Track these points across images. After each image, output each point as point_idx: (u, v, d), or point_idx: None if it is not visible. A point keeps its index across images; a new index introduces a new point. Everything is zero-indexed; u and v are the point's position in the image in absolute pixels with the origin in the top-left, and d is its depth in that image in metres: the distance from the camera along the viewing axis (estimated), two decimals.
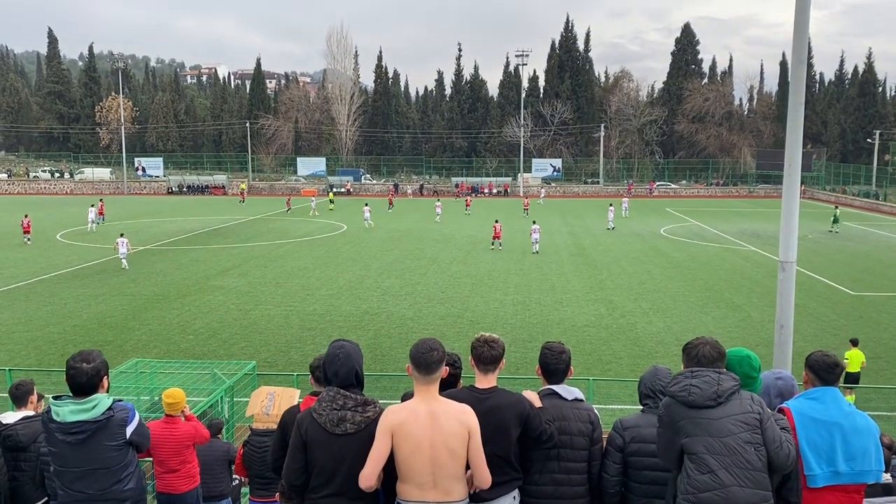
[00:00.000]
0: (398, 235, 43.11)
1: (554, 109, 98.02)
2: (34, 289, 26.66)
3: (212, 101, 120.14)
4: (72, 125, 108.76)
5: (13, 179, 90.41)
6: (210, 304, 24.20)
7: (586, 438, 4.51)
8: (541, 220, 52.01)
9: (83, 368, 4.17)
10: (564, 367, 4.62)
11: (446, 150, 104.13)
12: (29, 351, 18.73)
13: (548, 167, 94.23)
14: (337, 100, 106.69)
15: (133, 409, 4.32)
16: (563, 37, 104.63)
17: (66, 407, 4.13)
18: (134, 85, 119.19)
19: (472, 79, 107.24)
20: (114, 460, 4.19)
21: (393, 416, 3.86)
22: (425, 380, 3.92)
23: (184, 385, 10.56)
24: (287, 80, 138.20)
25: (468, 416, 3.90)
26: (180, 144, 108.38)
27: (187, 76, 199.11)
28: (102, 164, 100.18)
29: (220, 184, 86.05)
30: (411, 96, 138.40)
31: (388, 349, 18.95)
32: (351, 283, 27.99)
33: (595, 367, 17.22)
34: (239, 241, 40.50)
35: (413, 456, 3.83)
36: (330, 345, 4.13)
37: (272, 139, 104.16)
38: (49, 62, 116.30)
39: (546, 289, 26.93)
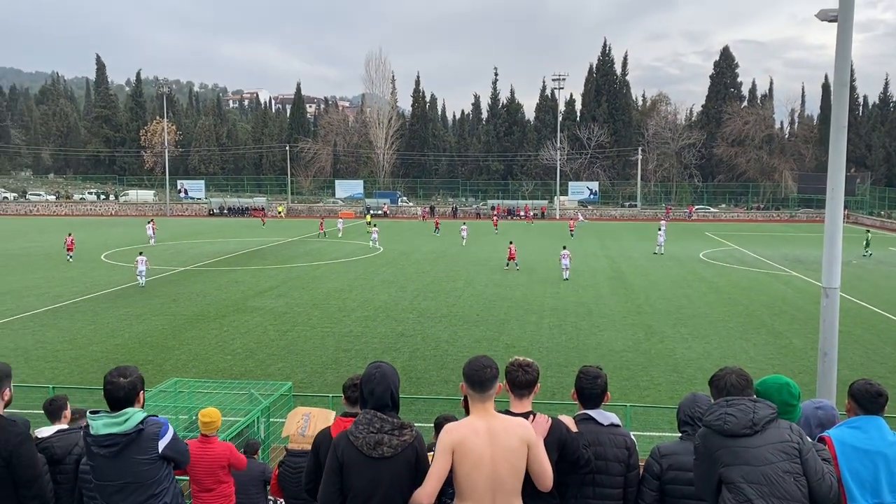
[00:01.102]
0: (434, 258, 43.23)
1: (591, 132, 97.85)
2: (79, 308, 27.30)
3: (253, 125, 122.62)
4: (118, 148, 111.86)
5: (61, 201, 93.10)
6: (248, 325, 24.49)
7: (622, 464, 4.46)
8: (577, 243, 51.83)
9: (120, 383, 4.26)
10: (600, 391, 4.58)
11: (482, 172, 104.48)
12: (72, 369, 19.13)
13: (584, 190, 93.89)
14: (375, 123, 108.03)
15: (167, 424, 4.37)
16: (600, 60, 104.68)
17: (100, 420, 4.22)
18: (178, 109, 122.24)
19: (508, 102, 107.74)
20: (146, 475, 4.24)
21: (454, 432, 3.87)
22: (481, 397, 3.94)
23: (221, 405, 10.67)
24: (326, 104, 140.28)
25: (526, 430, 3.93)
26: (222, 167, 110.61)
27: (229, 101, 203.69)
28: (146, 186, 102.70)
29: (259, 206, 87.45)
30: (448, 120, 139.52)
31: (424, 371, 18.92)
32: (387, 304, 28.10)
33: (632, 393, 16.96)
34: (277, 262, 41.01)
35: (473, 473, 3.83)
36: (367, 365, 4.16)
37: (311, 162, 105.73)
38: (97, 87, 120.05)
39: (582, 312, 26.69)
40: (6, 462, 4.22)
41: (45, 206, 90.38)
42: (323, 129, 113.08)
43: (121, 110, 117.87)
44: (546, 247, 49.19)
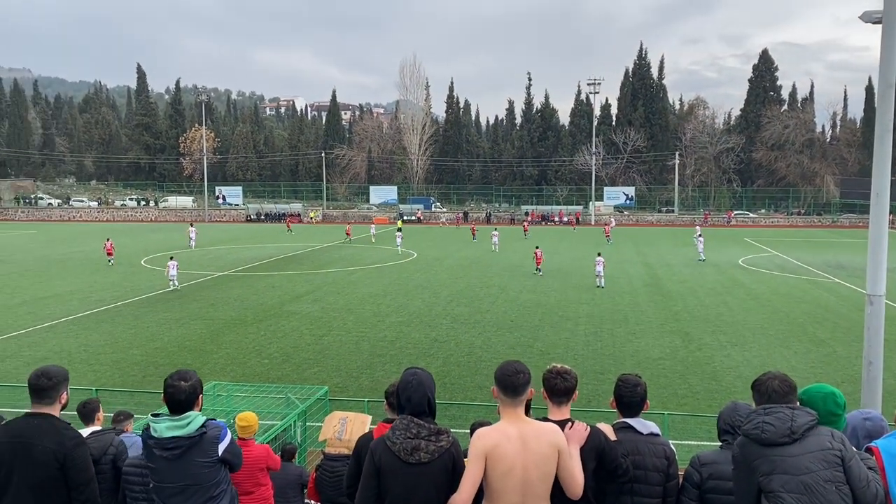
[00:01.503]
0: (467, 263, 43.23)
1: (627, 137, 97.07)
2: (120, 312, 27.87)
3: (289, 132, 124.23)
4: (157, 155, 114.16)
5: (103, 207, 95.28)
6: (284, 329, 24.75)
7: (661, 474, 4.41)
8: (613, 249, 51.38)
9: (181, 387, 4.35)
10: (640, 400, 4.54)
11: (516, 178, 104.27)
12: (113, 372, 19.53)
13: (620, 195, 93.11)
14: (409, 130, 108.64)
15: (225, 428, 4.47)
16: (636, 64, 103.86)
17: (163, 423, 4.31)
18: (216, 117, 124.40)
19: (542, 107, 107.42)
20: (206, 477, 4.33)
21: (486, 438, 3.87)
22: (512, 402, 3.94)
23: (258, 408, 10.80)
24: (361, 111, 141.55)
25: (557, 437, 3.91)
26: (259, 174, 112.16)
27: (266, 108, 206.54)
28: (185, 192, 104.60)
29: (295, 212, 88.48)
30: (482, 125, 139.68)
31: (458, 377, 18.91)
32: (421, 310, 28.16)
33: (670, 401, 16.72)
34: (313, 267, 41.40)
35: (504, 478, 3.83)
36: (403, 372, 4.17)
37: (346, 168, 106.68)
38: (138, 96, 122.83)
39: (619, 319, 26.42)
40: (60, 465, 4.32)
41: (88, 212, 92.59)
42: (358, 135, 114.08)
43: (161, 118, 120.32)
44: (581, 252, 48.87)
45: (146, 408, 13.14)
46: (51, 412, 4.46)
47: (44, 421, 4.40)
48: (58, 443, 4.33)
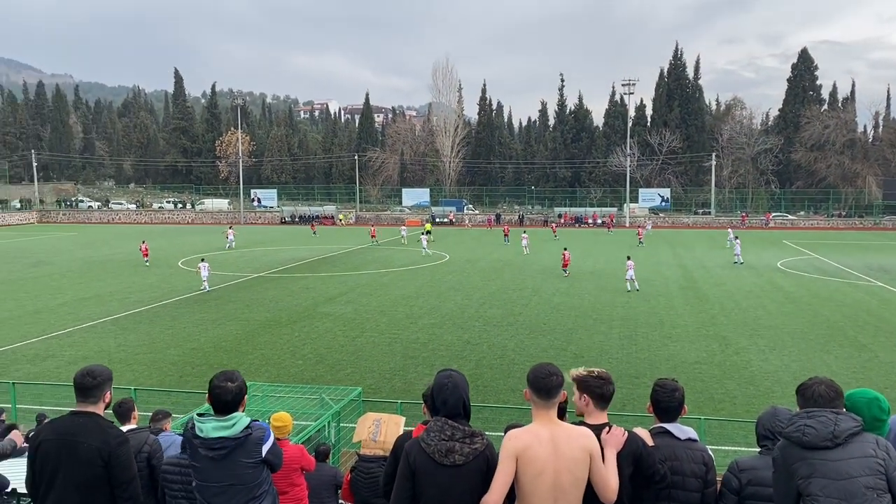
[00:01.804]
0: (500, 266, 43.11)
1: (662, 138, 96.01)
2: (157, 313, 28.35)
3: (323, 135, 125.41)
4: (194, 159, 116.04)
5: (141, 210, 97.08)
6: (318, 331, 24.93)
7: (699, 480, 4.34)
8: (649, 252, 50.83)
9: (228, 387, 4.42)
10: (678, 405, 4.47)
11: (549, 180, 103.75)
12: (151, 372, 19.86)
13: (655, 197, 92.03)
14: (441, 132, 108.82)
15: (269, 429, 4.52)
16: (671, 65, 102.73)
17: (210, 423, 4.37)
18: (251, 120, 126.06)
19: (576, 108, 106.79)
20: (250, 477, 4.38)
21: (517, 440, 3.85)
22: (545, 404, 3.91)
23: (293, 409, 10.88)
24: (394, 113, 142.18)
25: (589, 440, 3.87)
26: (293, 176, 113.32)
27: (300, 111, 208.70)
28: (221, 195, 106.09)
29: (329, 214, 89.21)
30: (514, 127, 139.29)
31: (490, 380, 18.84)
32: (453, 312, 28.14)
33: (706, 406, 16.46)
34: (346, 269, 41.66)
35: (535, 481, 3.80)
36: (437, 374, 4.16)
37: (379, 171, 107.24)
38: (175, 100, 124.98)
39: (654, 323, 26.11)
40: (105, 462, 4.40)
41: (126, 215, 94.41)
42: (390, 138, 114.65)
43: (197, 122, 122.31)
44: (615, 255, 48.43)
45: (183, 407, 13.33)
46: (95, 411, 4.56)
47: (89, 420, 4.49)
48: (102, 441, 4.41)
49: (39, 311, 28.57)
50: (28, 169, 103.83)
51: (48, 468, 4.42)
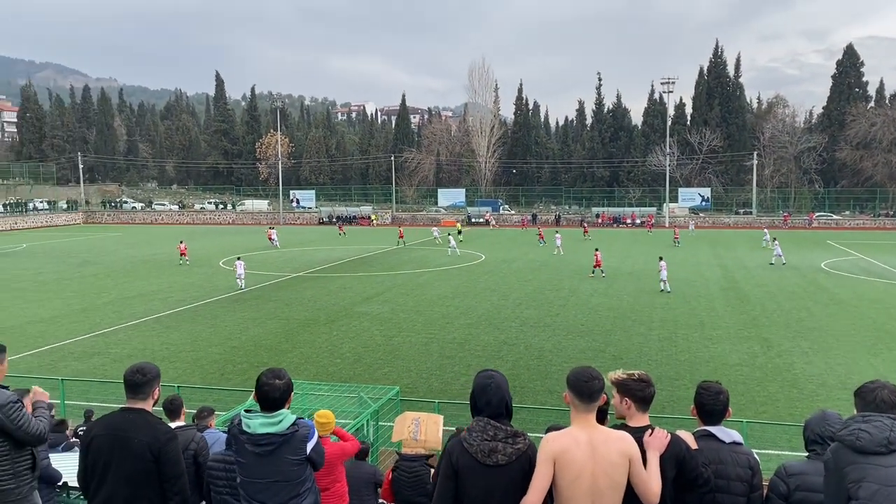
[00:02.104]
0: (537, 266, 42.92)
1: (702, 137, 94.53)
2: (199, 311, 28.86)
3: (360, 137, 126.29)
4: (235, 160, 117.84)
5: (183, 210, 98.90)
6: (356, 330, 25.12)
7: (745, 484, 4.27)
8: (688, 252, 50.11)
9: (276, 384, 4.48)
10: (723, 408, 4.41)
11: (586, 179, 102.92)
12: (194, 369, 20.23)
13: (695, 196, 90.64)
14: (477, 132, 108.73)
15: (313, 427, 4.58)
16: (711, 62, 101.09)
17: (257, 420, 4.43)
18: (290, 123, 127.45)
19: (614, 107, 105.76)
20: (294, 474, 4.45)
21: (555, 442, 3.83)
22: (585, 408, 3.89)
23: (332, 407, 10.96)
24: (430, 114, 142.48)
25: (628, 445, 3.84)
26: (331, 177, 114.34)
27: (338, 113, 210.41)
28: (261, 196, 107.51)
29: (366, 214, 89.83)
30: (551, 126, 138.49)
31: (527, 381, 18.78)
32: (489, 312, 28.11)
33: (748, 409, 16.18)
34: (383, 269, 41.90)
35: (573, 485, 3.78)
36: (478, 375, 4.16)
37: (415, 171, 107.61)
38: (216, 103, 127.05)
39: (694, 324, 25.73)
40: (155, 458, 4.52)
41: (169, 215, 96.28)
42: (426, 138, 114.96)
43: (238, 124, 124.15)
44: (654, 256, 47.86)
45: (224, 405, 13.55)
46: (144, 407, 4.67)
47: (138, 416, 4.61)
48: (153, 437, 4.52)
49: (86, 310, 29.31)
50: (75, 171, 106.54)
51: (100, 462, 4.54)
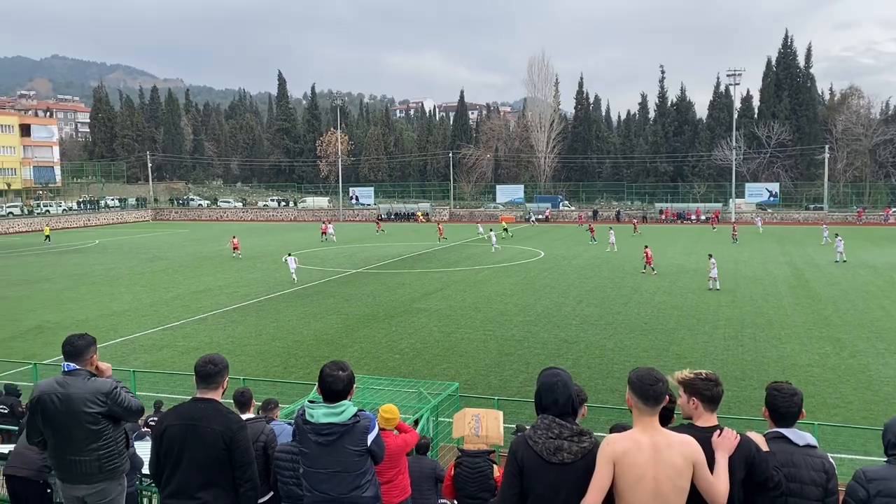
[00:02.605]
0: (598, 263, 42.36)
1: (770, 130, 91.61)
2: (263, 306, 29.52)
3: (418, 133, 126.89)
4: (296, 158, 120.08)
5: (247, 207, 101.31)
6: (415, 326, 25.27)
7: (819, 489, 4.11)
8: (755, 249, 48.66)
9: (339, 376, 4.58)
10: (797, 409, 4.26)
11: (649, 174, 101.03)
12: (258, 362, 20.71)
13: (763, 192, 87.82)
14: (536, 127, 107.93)
15: (374, 420, 4.64)
16: (780, 53, 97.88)
17: (320, 410, 4.54)
18: (350, 120, 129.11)
19: (678, 100, 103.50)
20: (355, 465, 4.52)
21: (615, 444, 3.78)
22: (648, 411, 3.82)
23: (392, 401, 11.06)
24: (488, 110, 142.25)
25: (692, 448, 3.75)
26: (389, 174, 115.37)
27: (397, 110, 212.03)
28: (321, 193, 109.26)
29: (423, 211, 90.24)
30: (612, 121, 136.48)
31: (588, 380, 18.53)
32: (548, 310, 27.88)
33: (819, 411, 15.61)
34: (441, 266, 42.03)
35: (635, 487, 3.72)
36: (542, 373, 4.12)
37: (473, 168, 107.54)
38: (278, 102, 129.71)
39: (762, 323, 24.97)
40: (227, 446, 4.66)
41: (233, 212, 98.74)
42: (485, 134, 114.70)
43: (299, 122, 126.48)
44: (719, 253, 46.68)
45: (287, 397, 13.81)
46: (214, 397, 4.81)
47: (209, 405, 4.76)
48: (224, 425, 4.67)
49: (155, 304, 30.32)
50: (144, 169, 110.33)
51: (174, 451, 4.70)
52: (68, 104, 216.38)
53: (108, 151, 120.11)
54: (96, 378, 5.20)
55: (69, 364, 5.17)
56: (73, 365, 5.16)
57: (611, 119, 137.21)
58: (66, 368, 5.17)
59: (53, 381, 5.16)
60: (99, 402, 5.04)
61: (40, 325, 26.19)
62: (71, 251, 54.06)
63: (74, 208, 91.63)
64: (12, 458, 6.59)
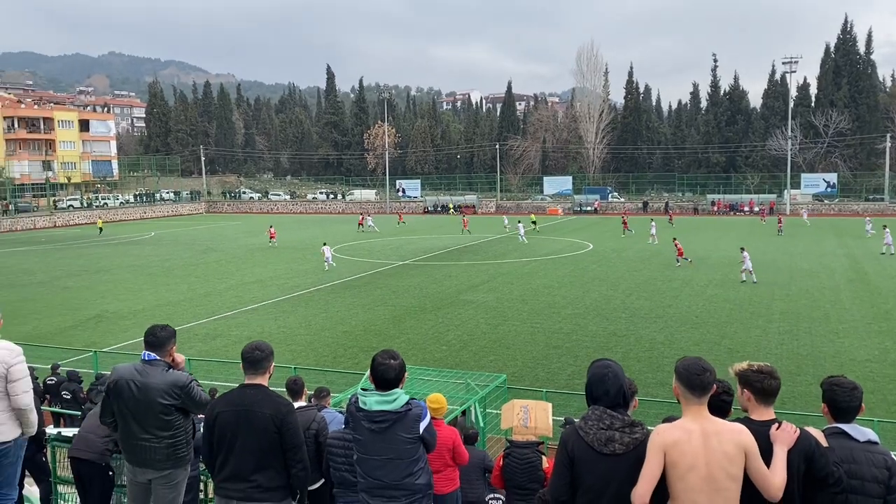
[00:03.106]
0: (647, 255, 41.75)
1: (828, 119, 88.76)
2: (313, 297, 29.95)
3: (465, 125, 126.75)
4: (344, 151, 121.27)
5: (296, 200, 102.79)
6: (461, 318, 25.32)
7: (881, 486, 3.99)
8: (811, 241, 47.30)
9: (391, 364, 4.65)
10: (857, 404, 4.15)
11: (701, 165, 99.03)
12: (308, 352, 21.04)
13: (820, 182, 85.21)
14: (585, 118, 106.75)
15: (426, 408, 4.69)
16: (839, 39, 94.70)
17: (372, 397, 4.62)
18: (397, 113, 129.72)
19: (731, 90, 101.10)
20: (407, 452, 4.58)
21: (666, 434, 3.76)
22: (695, 400, 3.79)
23: (439, 392, 11.11)
24: (536, 101, 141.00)
25: (744, 437, 3.71)
26: (436, 167, 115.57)
27: (443, 102, 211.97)
28: (369, 186, 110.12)
29: (470, 204, 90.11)
30: (663, 110, 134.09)
31: (638, 373, 18.32)
32: (597, 302, 27.62)
33: (878, 408, 15.13)
34: (488, 258, 41.97)
35: (687, 476, 3.70)
36: (593, 364, 4.11)
37: (520, 159, 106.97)
38: (327, 95, 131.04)
39: (818, 317, 24.29)
40: (277, 429, 4.78)
41: (284, 205, 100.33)
42: (532, 125, 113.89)
43: (347, 116, 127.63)
44: (773, 245, 45.53)
45: (337, 386, 13.99)
46: (262, 382, 4.92)
47: (258, 391, 4.87)
48: (274, 409, 4.80)
49: (209, 294, 31.04)
50: (197, 163, 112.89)
51: (227, 437, 4.83)
52: (124, 100, 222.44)
53: (163, 145, 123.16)
54: (173, 370, 5.36)
55: (149, 353, 5.32)
56: (153, 355, 5.32)
57: (661, 109, 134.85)
58: (145, 357, 5.32)
59: (133, 368, 5.32)
60: (174, 395, 5.21)
61: (99, 315, 27.07)
62: (128, 243, 55.72)
63: (131, 201, 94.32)
64: (76, 441, 6.84)
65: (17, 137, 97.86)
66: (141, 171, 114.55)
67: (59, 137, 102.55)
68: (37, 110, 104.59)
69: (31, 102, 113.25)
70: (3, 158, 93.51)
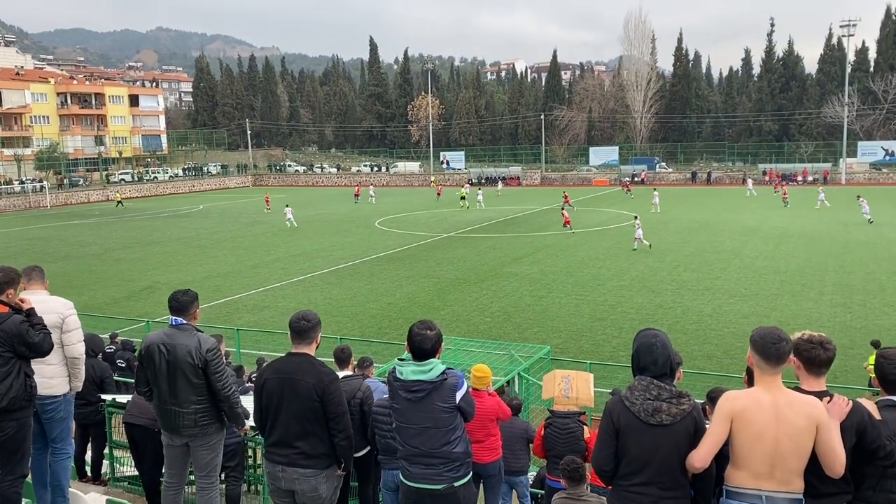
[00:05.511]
0: (696, 227, 41.00)
1: (888, 84, 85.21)
2: (357, 269, 30.25)
3: (509, 96, 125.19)
4: (388, 123, 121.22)
5: (341, 173, 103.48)
6: (505, 290, 25.31)
7: None
8: (871, 211, 45.75)
9: (427, 335, 4.70)
10: None
11: (752, 134, 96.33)
12: (353, 323, 21.31)
13: (878, 150, 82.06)
14: (632, 86, 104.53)
15: (462, 378, 4.75)
16: None
17: (409, 367, 4.69)
18: (441, 84, 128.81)
19: (785, 55, 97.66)
20: (444, 421, 4.64)
21: (735, 401, 3.75)
22: (770, 370, 3.75)
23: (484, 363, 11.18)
24: (582, 69, 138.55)
25: (816, 410, 3.66)
26: (480, 138, 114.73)
27: (487, 73, 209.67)
28: (413, 158, 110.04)
29: (514, 175, 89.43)
30: (713, 78, 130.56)
31: (684, 345, 18.09)
32: (643, 274, 27.28)
33: None
34: (531, 230, 41.75)
35: (753, 444, 3.68)
36: (639, 334, 4.07)
37: (565, 130, 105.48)
38: (370, 67, 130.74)
39: (873, 289, 23.59)
40: (320, 397, 4.89)
41: (328, 178, 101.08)
42: (578, 95, 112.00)
43: (391, 88, 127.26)
44: (825, 217, 44.26)
45: (381, 357, 14.18)
46: (308, 352, 5.01)
47: (304, 360, 4.97)
48: (317, 378, 4.89)
49: (256, 266, 31.61)
50: (243, 136, 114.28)
51: (273, 403, 4.97)
52: (172, 74, 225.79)
53: (210, 119, 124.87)
54: (201, 334, 5.51)
55: (176, 318, 5.51)
56: (180, 319, 5.50)
57: (711, 77, 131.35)
58: (173, 322, 5.52)
59: (162, 333, 5.54)
60: (199, 357, 5.36)
61: (151, 286, 27.83)
62: (178, 216, 56.95)
63: (180, 175, 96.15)
64: (130, 406, 7.09)
65: (69, 113, 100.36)
66: (189, 145, 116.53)
67: (110, 112, 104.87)
68: (88, 86, 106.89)
69: (83, 78, 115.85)
70: (57, 134, 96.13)
